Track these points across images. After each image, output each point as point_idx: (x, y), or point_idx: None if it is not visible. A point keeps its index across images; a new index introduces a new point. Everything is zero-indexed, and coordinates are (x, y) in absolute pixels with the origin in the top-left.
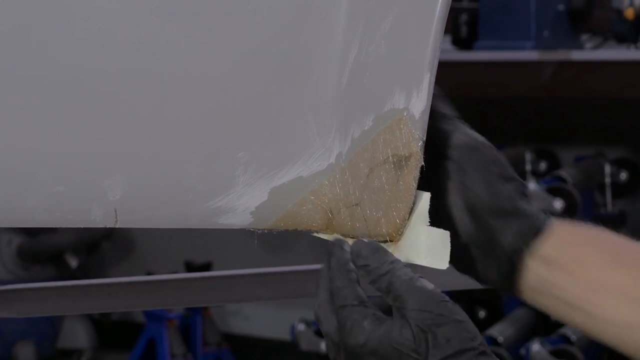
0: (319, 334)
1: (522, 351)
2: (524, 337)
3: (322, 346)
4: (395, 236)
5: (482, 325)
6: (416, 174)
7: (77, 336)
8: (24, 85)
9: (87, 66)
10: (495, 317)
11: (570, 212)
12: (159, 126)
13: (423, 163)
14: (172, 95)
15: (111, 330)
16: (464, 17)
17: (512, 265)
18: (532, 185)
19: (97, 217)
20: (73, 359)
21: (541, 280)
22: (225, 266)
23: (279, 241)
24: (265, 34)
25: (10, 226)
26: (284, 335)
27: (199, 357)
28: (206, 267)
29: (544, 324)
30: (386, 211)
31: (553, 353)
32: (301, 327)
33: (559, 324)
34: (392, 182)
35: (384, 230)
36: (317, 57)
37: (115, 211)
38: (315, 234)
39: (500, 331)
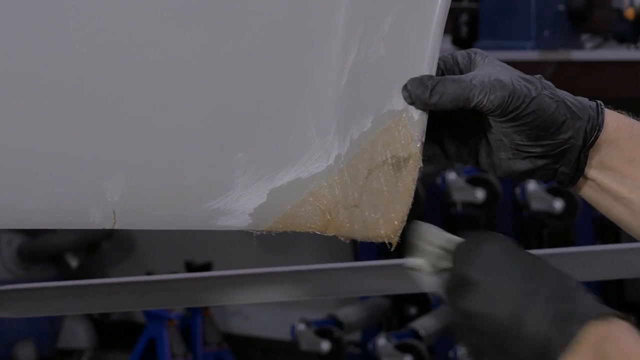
0: (319, 334)
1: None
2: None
3: (322, 346)
4: (393, 238)
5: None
6: (415, 175)
7: (77, 336)
8: (24, 88)
9: (86, 69)
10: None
11: (570, 212)
12: (158, 128)
13: (422, 164)
14: (171, 97)
15: (111, 330)
16: (464, 17)
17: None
18: (531, 185)
19: (96, 219)
20: (73, 359)
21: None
22: (225, 266)
23: (279, 241)
24: (264, 36)
25: (10, 227)
26: (284, 335)
27: (199, 357)
28: (206, 267)
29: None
30: (385, 213)
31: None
32: (301, 327)
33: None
34: (390, 184)
35: (382, 232)
36: (316, 58)
37: (114, 213)
38: None
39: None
